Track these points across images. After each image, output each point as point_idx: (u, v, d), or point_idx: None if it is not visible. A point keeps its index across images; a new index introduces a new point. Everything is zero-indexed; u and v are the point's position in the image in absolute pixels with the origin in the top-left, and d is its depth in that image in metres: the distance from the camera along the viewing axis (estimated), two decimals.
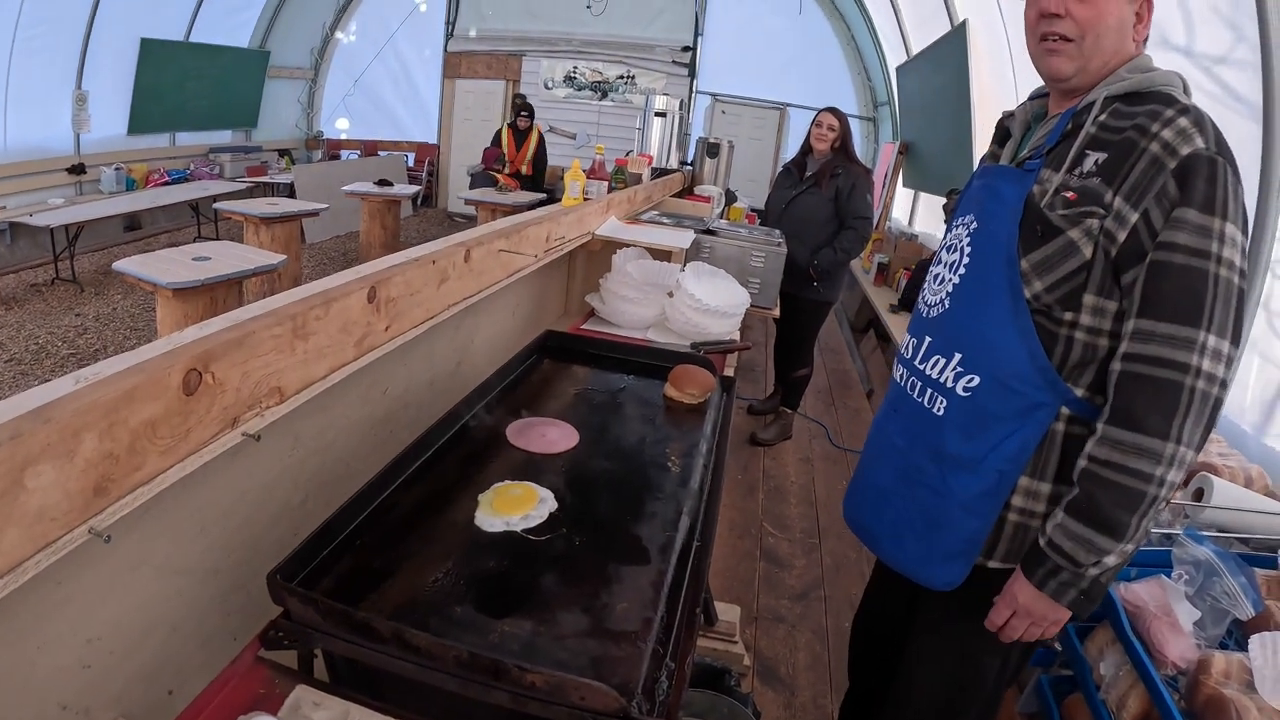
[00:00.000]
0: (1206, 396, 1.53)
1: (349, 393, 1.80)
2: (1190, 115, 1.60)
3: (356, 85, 15.15)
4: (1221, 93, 3.49)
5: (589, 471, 1.76)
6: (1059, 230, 1.68)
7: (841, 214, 5.28)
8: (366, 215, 9.56)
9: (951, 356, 1.84)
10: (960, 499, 1.81)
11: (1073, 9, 1.72)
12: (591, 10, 13.75)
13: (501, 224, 2.56)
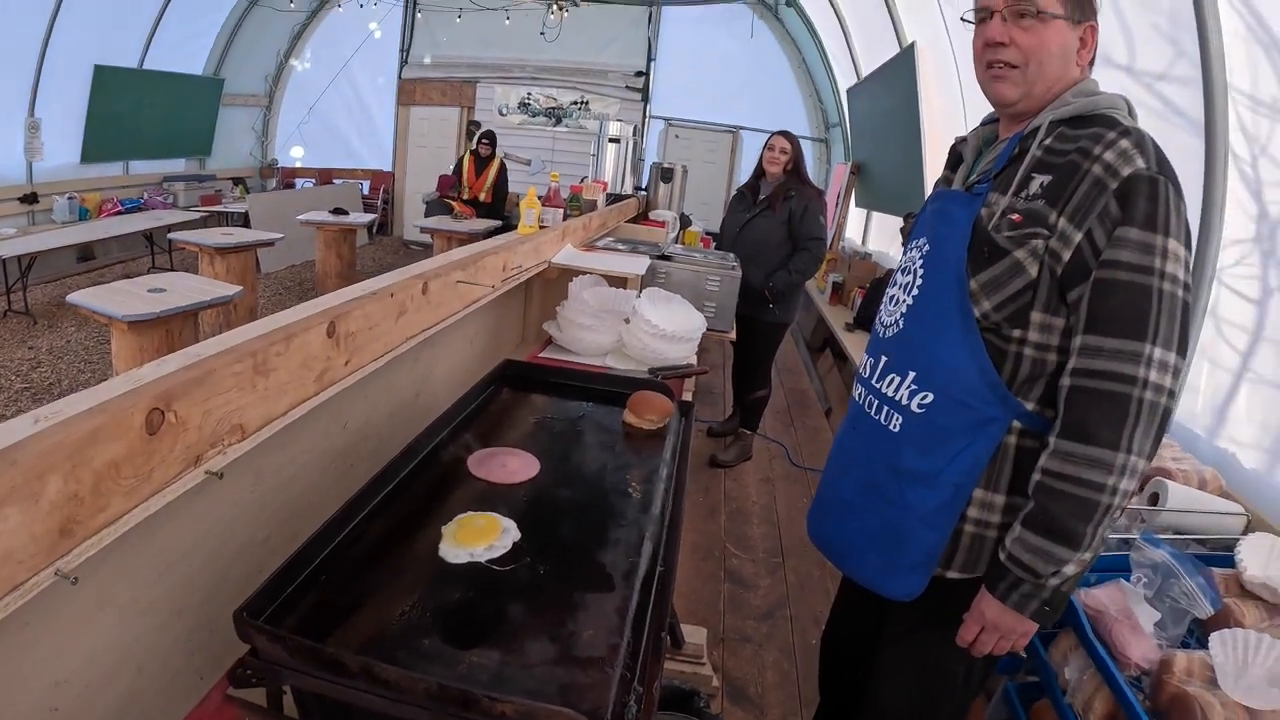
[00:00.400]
0: (1155, 407, 1.58)
1: (310, 427, 1.80)
2: (1132, 137, 1.65)
3: (311, 113, 15.03)
4: (1164, 108, 3.56)
5: (551, 500, 1.77)
6: (1005, 251, 1.73)
7: (795, 236, 5.32)
8: (322, 244, 9.48)
9: (906, 375, 1.89)
10: (918, 512, 1.85)
11: (1016, 37, 1.78)
12: (545, 36, 13.77)
13: (458, 254, 2.57)
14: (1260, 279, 3.12)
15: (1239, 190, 3.22)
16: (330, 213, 9.71)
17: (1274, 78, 2.95)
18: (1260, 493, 2.95)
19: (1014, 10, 1.78)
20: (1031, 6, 1.76)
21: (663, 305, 3.44)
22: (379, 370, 1.97)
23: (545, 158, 13.67)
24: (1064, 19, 1.77)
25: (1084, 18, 1.79)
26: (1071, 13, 1.77)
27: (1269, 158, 3.04)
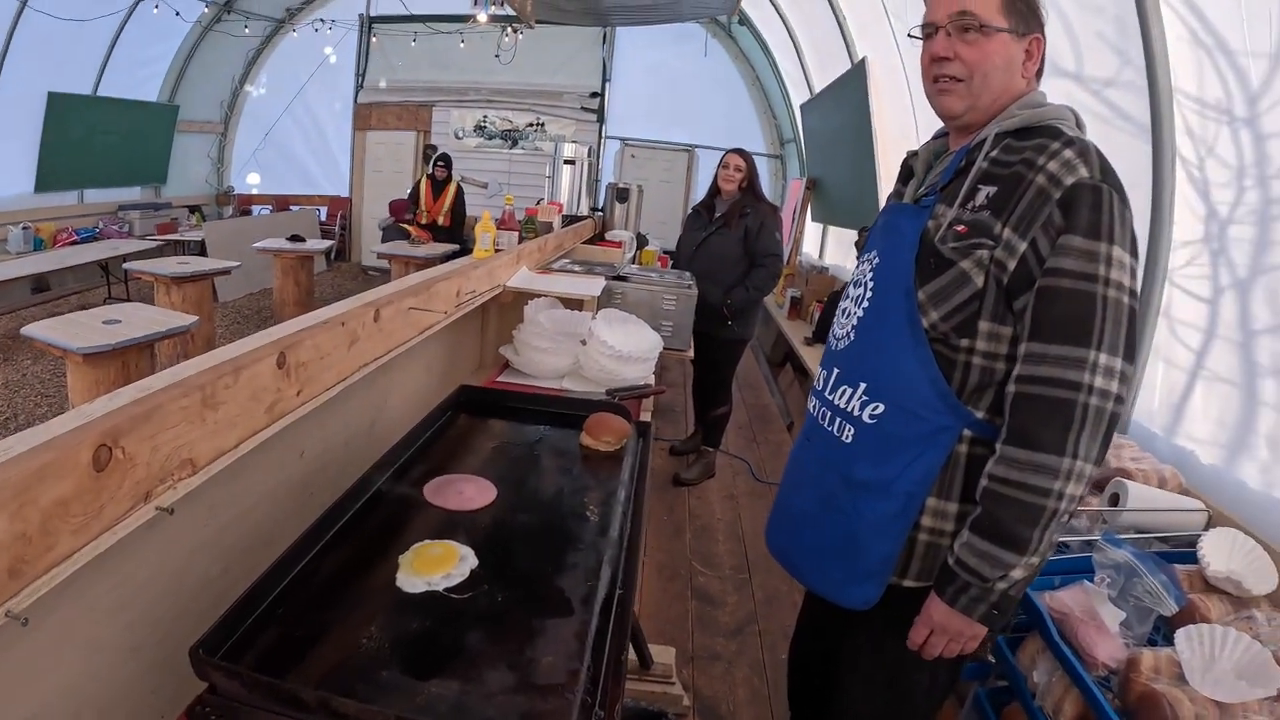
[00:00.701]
0: (1101, 412, 1.60)
1: (264, 458, 1.77)
2: (1075, 146, 1.69)
3: (267, 139, 14.99)
4: (1111, 114, 3.61)
5: (509, 526, 1.77)
6: (951, 262, 1.76)
7: (751, 252, 5.35)
8: (279, 272, 9.42)
9: (858, 386, 1.91)
10: (871, 522, 1.86)
11: (961, 51, 1.83)
12: (500, 59, 13.78)
13: (411, 281, 2.56)
14: (1211, 278, 3.17)
15: (1187, 192, 3.27)
16: (287, 240, 9.67)
17: (1218, 80, 3.00)
18: (1220, 488, 2.99)
19: (958, 25, 1.82)
20: (975, 21, 1.80)
21: (619, 326, 3.45)
22: (334, 399, 1.95)
23: (502, 180, 13.66)
24: (1008, 32, 1.80)
25: (1029, 30, 1.83)
26: (1016, 26, 1.81)
27: (1216, 159, 3.09)
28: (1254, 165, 2.90)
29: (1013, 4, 1.81)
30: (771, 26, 11.09)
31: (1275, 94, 2.76)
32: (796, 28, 10.00)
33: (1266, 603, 2.43)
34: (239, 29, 13.65)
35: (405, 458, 2.02)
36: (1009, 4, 1.81)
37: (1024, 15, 1.82)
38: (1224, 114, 3.02)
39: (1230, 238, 3.05)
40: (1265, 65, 2.77)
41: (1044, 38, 1.87)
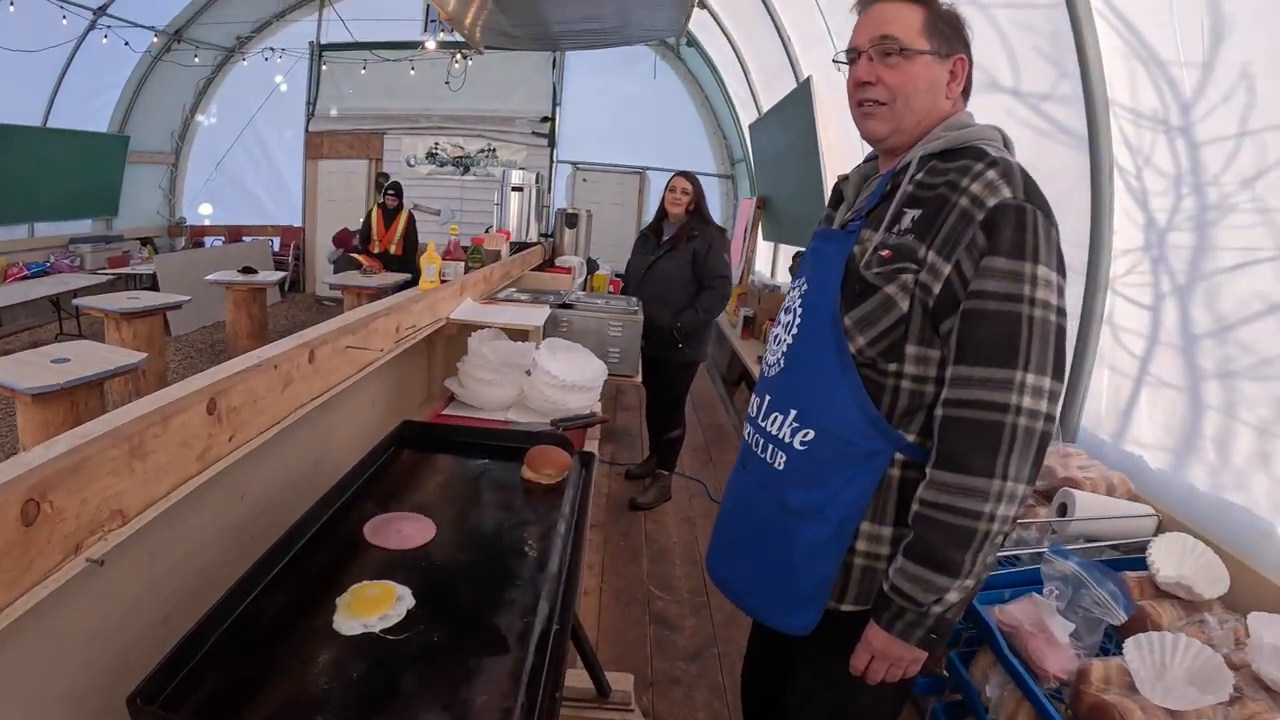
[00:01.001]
0: (1030, 432, 1.60)
1: (204, 502, 1.78)
2: (999, 167, 1.69)
3: (218, 169, 14.87)
4: (1050, 127, 3.66)
5: (447, 564, 1.77)
6: (875, 287, 1.77)
7: (700, 275, 5.39)
8: (232, 305, 9.31)
9: (788, 413, 1.91)
10: (806, 548, 1.86)
11: (883, 75, 1.84)
12: (450, 86, 13.80)
13: (348, 318, 2.57)
14: (1152, 285, 3.20)
15: (1126, 201, 3.31)
16: (239, 272, 9.57)
17: (1153, 91, 3.04)
18: (1169, 492, 3.03)
19: (880, 50, 1.84)
20: (896, 45, 1.82)
21: (563, 355, 3.45)
22: (275, 439, 1.96)
23: (455, 207, 13.64)
24: (930, 54, 1.82)
25: (952, 50, 1.85)
26: (938, 47, 1.83)
27: (1153, 168, 3.13)
28: (1190, 173, 2.94)
29: (935, 26, 1.83)
30: (719, 47, 11.16)
31: (1208, 102, 2.80)
32: (743, 48, 10.08)
33: (1219, 605, 2.46)
34: (189, 58, 13.55)
35: (346, 497, 2.01)
36: (931, 26, 1.83)
37: (946, 36, 1.84)
38: (1159, 124, 3.06)
39: (1169, 245, 3.09)
40: (1197, 74, 2.81)
41: (969, 58, 1.88)
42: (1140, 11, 3.05)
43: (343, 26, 13.67)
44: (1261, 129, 2.60)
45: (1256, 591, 2.47)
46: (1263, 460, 2.68)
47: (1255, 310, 2.69)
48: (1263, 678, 2.05)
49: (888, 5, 1.87)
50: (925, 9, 1.84)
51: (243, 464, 1.84)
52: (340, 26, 13.74)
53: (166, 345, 8.75)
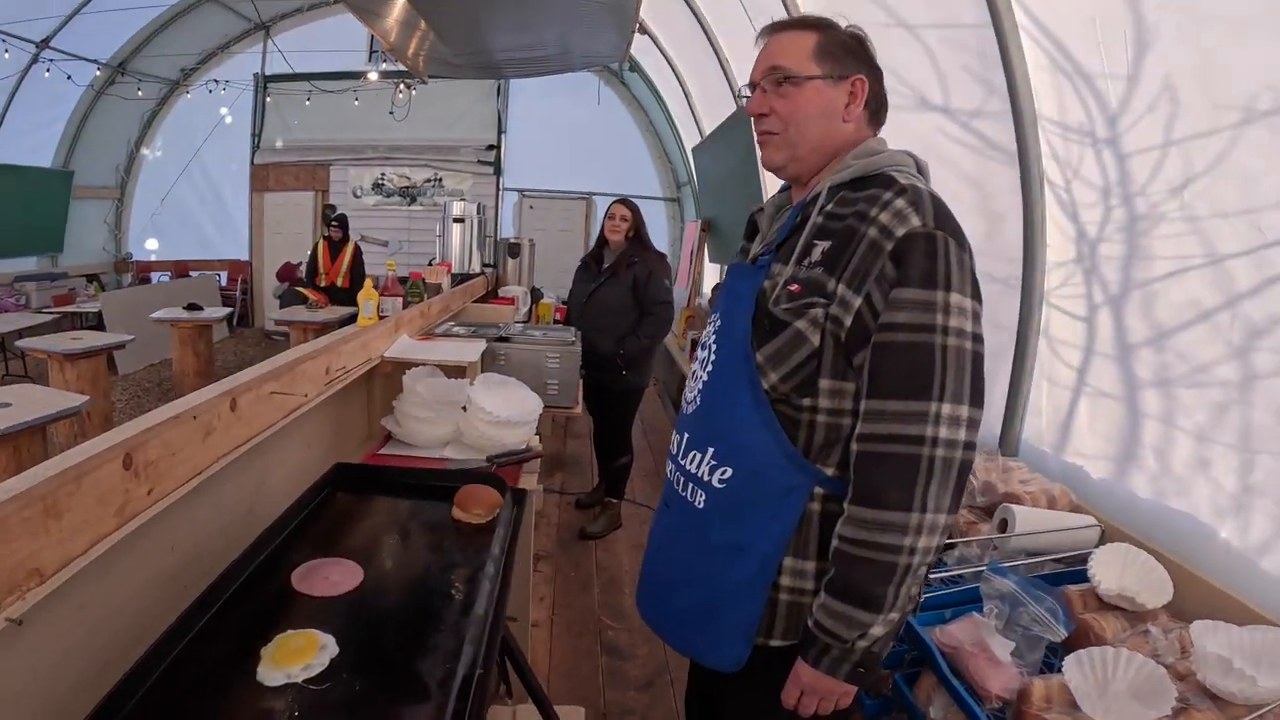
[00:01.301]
0: (949, 462, 1.60)
1: (132, 554, 1.77)
2: (907, 195, 1.69)
3: (164, 203, 14.70)
4: (981, 144, 3.69)
5: (373, 610, 1.77)
6: (785, 323, 1.76)
7: (642, 301, 5.41)
8: (178, 342, 9.19)
9: (706, 451, 1.89)
10: (730, 586, 1.85)
11: (774, 105, 1.87)
12: (395, 115, 13.77)
13: (275, 362, 2.54)
14: (1085, 297, 3.22)
15: (1057, 214, 3.33)
16: (184, 309, 9.47)
17: (1079, 104, 3.07)
18: (1112, 502, 3.04)
19: (771, 80, 1.87)
20: (785, 74, 1.84)
21: (498, 390, 3.46)
22: (204, 486, 1.96)
23: (402, 238, 13.60)
24: (821, 79, 1.84)
25: (846, 73, 1.85)
26: (830, 71, 1.84)
27: (1082, 180, 3.15)
28: (1118, 184, 2.97)
29: (825, 49, 1.84)
30: (661, 72, 11.21)
31: (1134, 113, 2.82)
32: (684, 72, 10.13)
33: (1164, 614, 2.44)
34: (132, 91, 13.37)
35: (275, 544, 2.00)
36: (821, 50, 1.84)
37: (839, 58, 1.85)
38: (1087, 136, 3.08)
39: (1101, 256, 3.11)
40: (1122, 86, 2.84)
41: (868, 78, 1.88)
42: (1065, 26, 3.08)
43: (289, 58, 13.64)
44: (1187, 138, 2.63)
45: (1201, 597, 2.47)
46: (1202, 466, 2.70)
47: (1189, 318, 2.71)
48: (1208, 686, 2.03)
49: (781, 35, 1.90)
50: (819, 34, 1.86)
51: (169, 515, 1.82)
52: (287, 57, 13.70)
53: (113, 385, 8.67)
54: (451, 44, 7.75)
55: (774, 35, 1.92)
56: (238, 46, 14.41)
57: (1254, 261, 2.45)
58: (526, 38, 7.90)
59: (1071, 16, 3.03)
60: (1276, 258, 2.39)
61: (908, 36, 4.05)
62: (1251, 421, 2.51)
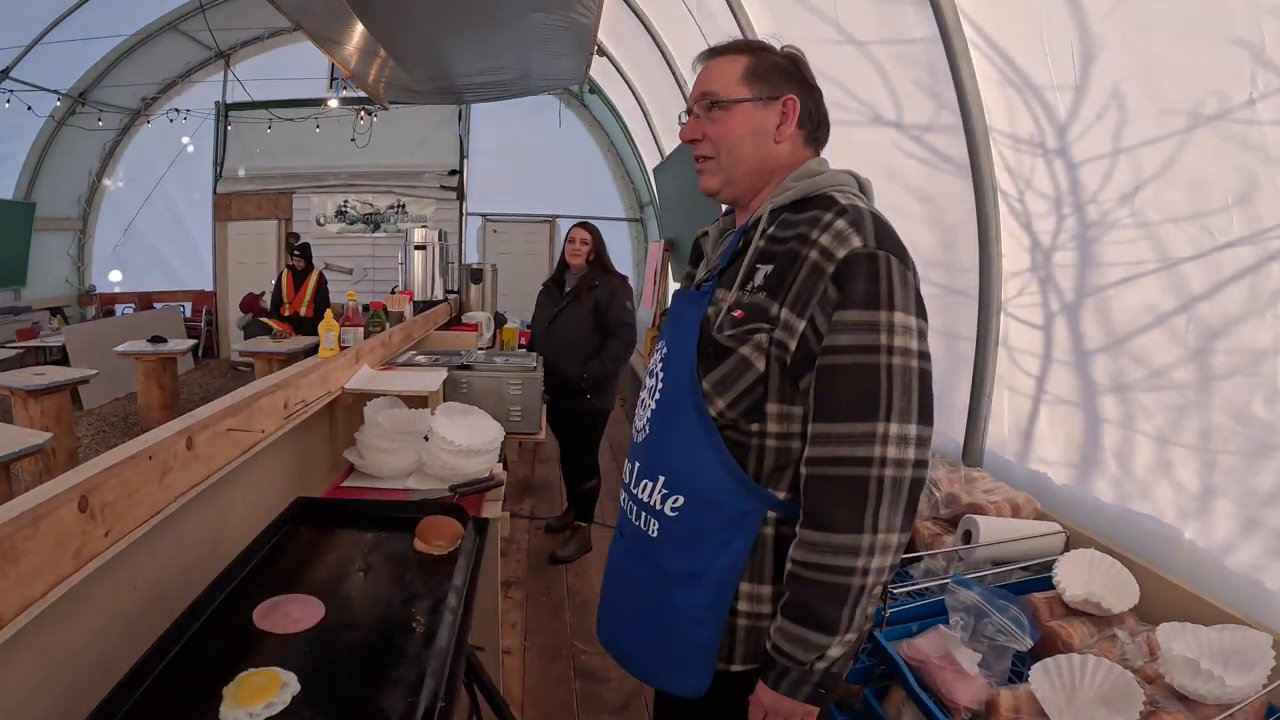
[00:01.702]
0: (898, 481, 1.60)
1: (94, 595, 1.76)
2: (848, 216, 1.69)
3: (127, 234, 14.61)
4: (934, 157, 3.73)
5: (334, 645, 1.75)
6: (730, 349, 1.76)
7: (604, 324, 5.42)
8: (142, 376, 9.10)
9: (657, 479, 1.89)
10: (687, 614, 1.84)
11: (706, 130, 1.88)
12: (357, 142, 13.77)
13: (232, 398, 2.54)
14: (1042, 305, 3.26)
15: (1011, 225, 3.36)
16: (148, 341, 9.37)
17: (1029, 116, 3.11)
18: (1076, 508, 3.06)
19: (702, 105, 1.88)
20: (713, 99, 1.86)
21: (459, 419, 3.46)
22: (163, 527, 1.95)
23: (367, 265, 13.57)
24: (751, 101, 1.84)
25: (776, 94, 1.85)
26: (760, 93, 1.85)
27: (1034, 191, 3.18)
28: (1069, 193, 3.00)
29: (755, 72, 1.85)
30: (621, 93, 11.25)
31: (1083, 123, 2.86)
32: (643, 93, 10.16)
33: (1131, 617, 2.46)
34: (93, 122, 13.34)
35: (237, 582, 1.98)
36: (750, 73, 1.85)
37: (768, 79, 1.85)
38: (1037, 147, 3.12)
39: (1055, 264, 3.15)
40: (1070, 97, 2.88)
41: (801, 97, 1.87)
42: (1013, 39, 3.12)
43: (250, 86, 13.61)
44: (1136, 145, 2.67)
45: (1168, 599, 2.49)
46: (1164, 468, 2.72)
47: (1144, 322, 2.75)
48: (1177, 688, 2.05)
49: (714, 61, 1.91)
50: (749, 58, 1.87)
51: (130, 555, 1.82)
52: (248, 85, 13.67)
53: (78, 420, 8.59)
54: (411, 70, 7.76)
55: (708, 61, 1.93)
56: (198, 75, 14.39)
57: (1207, 264, 2.48)
58: (486, 62, 7.92)
59: (1019, 29, 3.07)
60: (1228, 260, 2.42)
61: (858, 53, 4.09)
62: (1211, 422, 2.54)
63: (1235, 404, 2.46)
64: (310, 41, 6.85)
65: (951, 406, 3.76)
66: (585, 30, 6.96)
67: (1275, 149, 2.23)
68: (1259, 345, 2.36)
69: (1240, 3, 2.22)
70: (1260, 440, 2.39)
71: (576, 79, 9.59)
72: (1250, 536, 2.44)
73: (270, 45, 14.14)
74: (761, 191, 1.92)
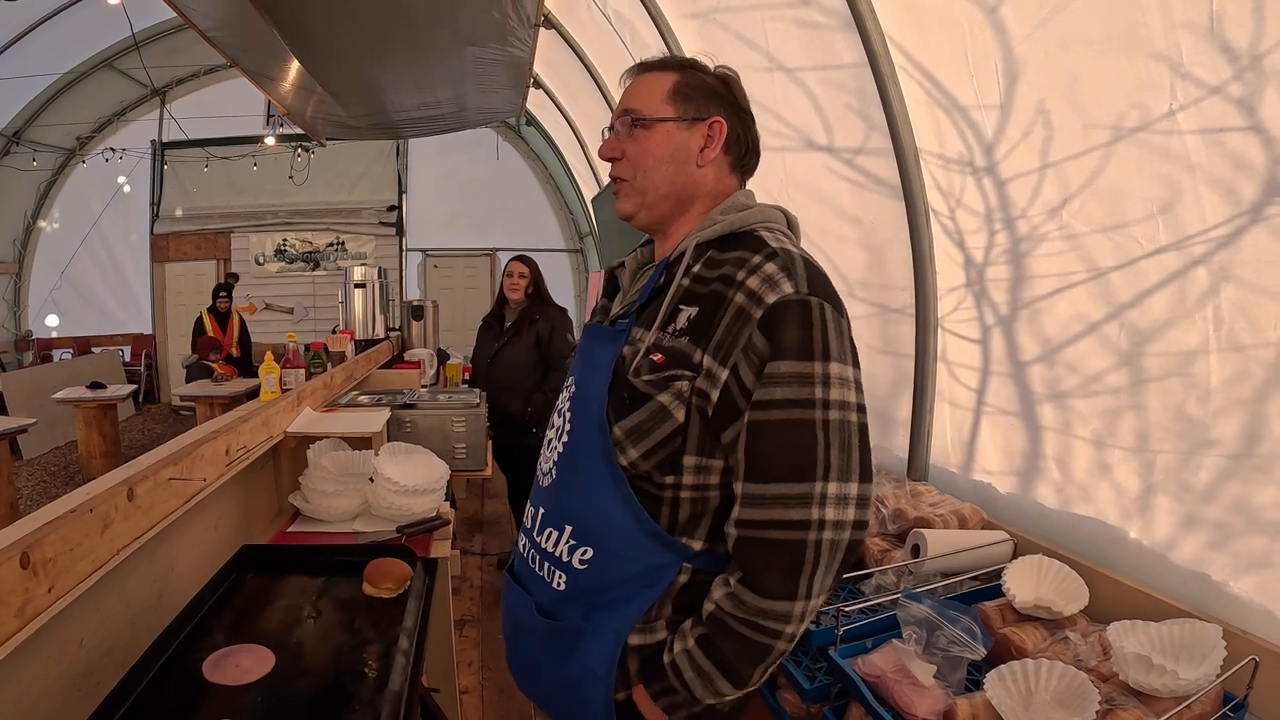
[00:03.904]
0: (836, 544, 1.50)
1: (39, 653, 1.74)
2: (778, 260, 1.58)
3: (63, 277, 14.38)
4: (866, 180, 3.77)
5: (285, 695, 1.73)
6: (647, 395, 1.63)
7: (547, 358, 5.45)
8: (82, 423, 8.97)
9: (563, 529, 1.76)
10: (592, 663, 1.71)
11: (625, 148, 1.78)
12: (295, 180, 13.71)
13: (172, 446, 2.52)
14: (978, 319, 3.31)
15: (944, 242, 3.42)
16: (87, 388, 9.25)
17: (957, 135, 3.16)
18: (1021, 515, 3.11)
19: (624, 122, 1.78)
20: (634, 116, 1.77)
21: (404, 459, 3.46)
22: (106, 581, 1.92)
23: (307, 304, 13.51)
24: (674, 121, 1.74)
25: (703, 115, 1.75)
26: (684, 113, 1.74)
27: (965, 208, 3.24)
28: (999, 209, 3.06)
29: (681, 91, 1.75)
30: (557, 125, 11.28)
31: (1009, 141, 2.92)
32: (579, 123, 10.20)
33: (1083, 619, 2.50)
34: (27, 162, 13.17)
35: (184, 634, 1.95)
36: (676, 92, 1.75)
37: (695, 100, 1.75)
38: (966, 166, 3.17)
39: (989, 279, 3.20)
40: (996, 116, 2.94)
41: (729, 120, 1.77)
42: (939, 61, 3.18)
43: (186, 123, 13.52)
44: (1061, 160, 2.73)
45: (1117, 598, 2.53)
46: (1103, 470, 2.78)
47: (1077, 331, 2.81)
48: (1131, 685, 2.09)
49: (641, 77, 1.82)
50: (678, 75, 1.78)
51: (75, 610, 1.79)
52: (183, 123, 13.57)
53: (18, 470, 8.45)
54: (347, 106, 7.75)
55: (636, 77, 1.84)
56: (134, 113, 14.27)
57: (1134, 272, 2.55)
58: (422, 97, 7.93)
59: (944, 52, 3.12)
60: (1154, 266, 2.48)
61: (788, 80, 4.13)
62: (1147, 423, 2.60)
63: (1169, 405, 2.52)
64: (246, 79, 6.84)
65: (894, 422, 3.81)
66: (520, 63, 7.00)
67: (1196, 158, 2.30)
68: (1189, 346, 2.42)
69: (1158, 18, 2.27)
70: (1195, 438, 2.45)
71: (513, 112, 9.62)
72: (1192, 531, 2.50)
73: (206, 82, 14.08)
74: (680, 219, 1.82)
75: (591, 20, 6.91)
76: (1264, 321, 2.21)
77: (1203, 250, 2.33)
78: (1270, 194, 2.13)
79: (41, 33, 11.38)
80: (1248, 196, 2.19)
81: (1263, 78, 2.07)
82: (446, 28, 6.03)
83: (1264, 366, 2.23)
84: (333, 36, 5.84)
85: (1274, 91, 2.06)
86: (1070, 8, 2.54)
